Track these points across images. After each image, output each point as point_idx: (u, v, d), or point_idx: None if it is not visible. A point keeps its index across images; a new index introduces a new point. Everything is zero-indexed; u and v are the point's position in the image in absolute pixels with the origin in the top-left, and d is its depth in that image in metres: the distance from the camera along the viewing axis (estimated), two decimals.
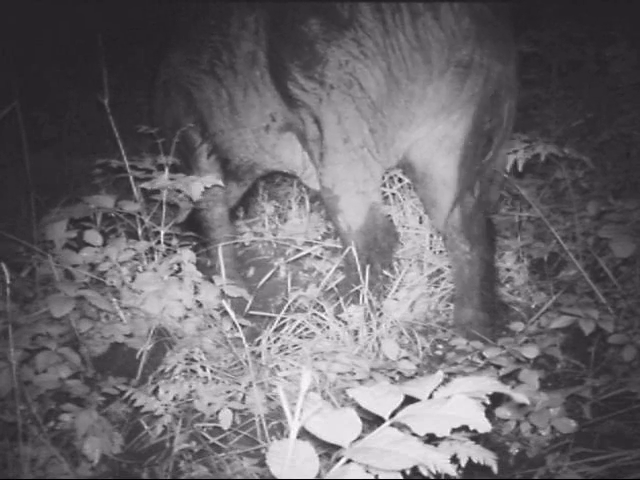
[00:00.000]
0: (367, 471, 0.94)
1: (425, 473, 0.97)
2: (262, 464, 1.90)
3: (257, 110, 2.47)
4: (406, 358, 2.12)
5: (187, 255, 2.42)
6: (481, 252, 2.42)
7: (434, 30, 2.03)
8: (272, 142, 2.55)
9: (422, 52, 2.05)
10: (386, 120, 2.17)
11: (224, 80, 2.49)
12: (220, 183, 2.47)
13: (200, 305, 2.37)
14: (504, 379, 1.93)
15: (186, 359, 2.13)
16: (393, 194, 2.98)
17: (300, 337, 2.31)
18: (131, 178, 2.42)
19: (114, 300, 2.32)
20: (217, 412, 2.01)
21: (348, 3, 2.07)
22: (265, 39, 2.29)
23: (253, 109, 2.48)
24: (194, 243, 2.70)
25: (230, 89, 2.49)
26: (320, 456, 0.97)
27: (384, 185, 3.04)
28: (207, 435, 2.00)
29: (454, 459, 1.30)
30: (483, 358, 2.03)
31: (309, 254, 2.96)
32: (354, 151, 2.22)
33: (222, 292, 2.37)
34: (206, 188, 2.43)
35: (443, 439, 1.32)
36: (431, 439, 0.98)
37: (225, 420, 1.98)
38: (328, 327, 2.32)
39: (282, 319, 2.36)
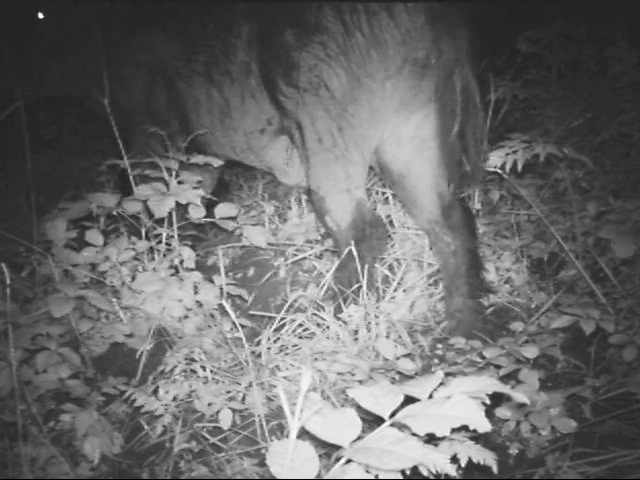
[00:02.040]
0: (367, 471, 0.94)
1: (425, 473, 0.97)
2: (262, 464, 1.90)
3: (253, 115, 2.54)
4: (406, 356, 2.12)
5: (186, 253, 2.42)
6: (463, 241, 2.49)
7: (389, 28, 2.13)
8: (264, 144, 2.62)
9: (378, 49, 2.15)
10: (352, 118, 2.26)
11: (220, 85, 2.54)
12: (197, 201, 2.34)
13: (200, 305, 2.37)
14: (504, 379, 1.93)
15: (186, 359, 2.13)
16: (393, 195, 2.98)
17: (300, 337, 2.32)
18: (131, 178, 2.42)
19: (114, 300, 2.32)
20: (217, 412, 2.01)
21: (314, 10, 2.18)
22: (255, 50, 2.39)
23: (249, 114, 2.55)
24: (194, 243, 2.70)
25: (226, 94, 2.55)
26: (320, 456, 0.97)
27: (384, 186, 3.05)
28: (207, 435, 2.00)
29: (454, 459, 1.30)
30: (483, 358, 2.03)
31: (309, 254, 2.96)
32: (328, 151, 2.32)
33: (222, 291, 2.37)
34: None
35: (443, 439, 1.32)
36: (431, 439, 0.98)
37: (225, 420, 1.98)
38: (328, 327, 2.32)
39: (282, 319, 2.36)
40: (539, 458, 1.92)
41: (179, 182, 2.35)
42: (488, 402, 0.99)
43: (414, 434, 0.95)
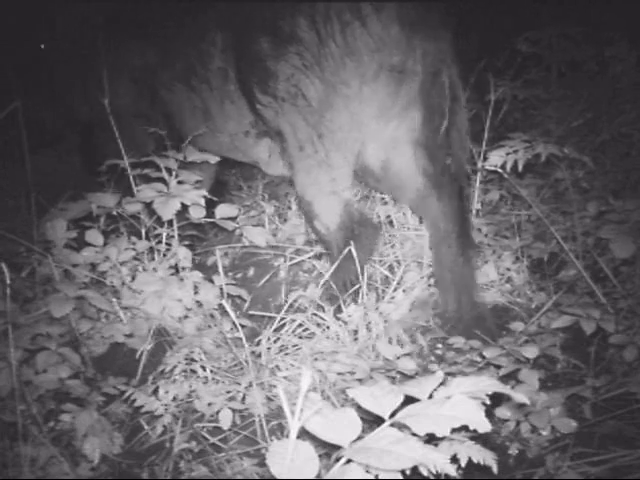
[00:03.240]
0: (367, 471, 0.94)
1: (425, 473, 0.97)
2: (262, 464, 1.90)
3: (235, 119, 2.55)
4: (406, 356, 2.12)
5: (182, 253, 2.41)
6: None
7: (362, 37, 2.15)
8: (249, 144, 2.63)
9: (352, 57, 2.17)
10: (331, 124, 2.27)
11: (199, 92, 2.55)
12: (201, 202, 2.32)
13: (200, 305, 2.37)
14: (504, 379, 1.93)
15: (186, 359, 2.13)
16: None
17: (300, 337, 2.32)
18: (131, 178, 2.42)
19: (114, 300, 2.32)
20: (217, 412, 2.01)
21: (288, 19, 2.18)
22: (232, 57, 2.39)
23: (231, 119, 2.55)
24: (194, 243, 2.70)
25: (206, 101, 2.56)
26: (320, 456, 0.97)
27: None
28: (207, 435, 2.01)
29: (454, 459, 1.30)
30: (483, 358, 2.03)
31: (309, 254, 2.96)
32: (311, 157, 2.33)
33: (222, 291, 2.37)
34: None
35: (443, 439, 1.32)
36: (431, 439, 0.98)
37: (225, 420, 1.98)
38: (328, 327, 2.32)
39: (282, 319, 2.36)
40: (539, 458, 1.92)
41: (179, 182, 2.35)
42: (488, 402, 0.99)
43: (414, 434, 0.95)
